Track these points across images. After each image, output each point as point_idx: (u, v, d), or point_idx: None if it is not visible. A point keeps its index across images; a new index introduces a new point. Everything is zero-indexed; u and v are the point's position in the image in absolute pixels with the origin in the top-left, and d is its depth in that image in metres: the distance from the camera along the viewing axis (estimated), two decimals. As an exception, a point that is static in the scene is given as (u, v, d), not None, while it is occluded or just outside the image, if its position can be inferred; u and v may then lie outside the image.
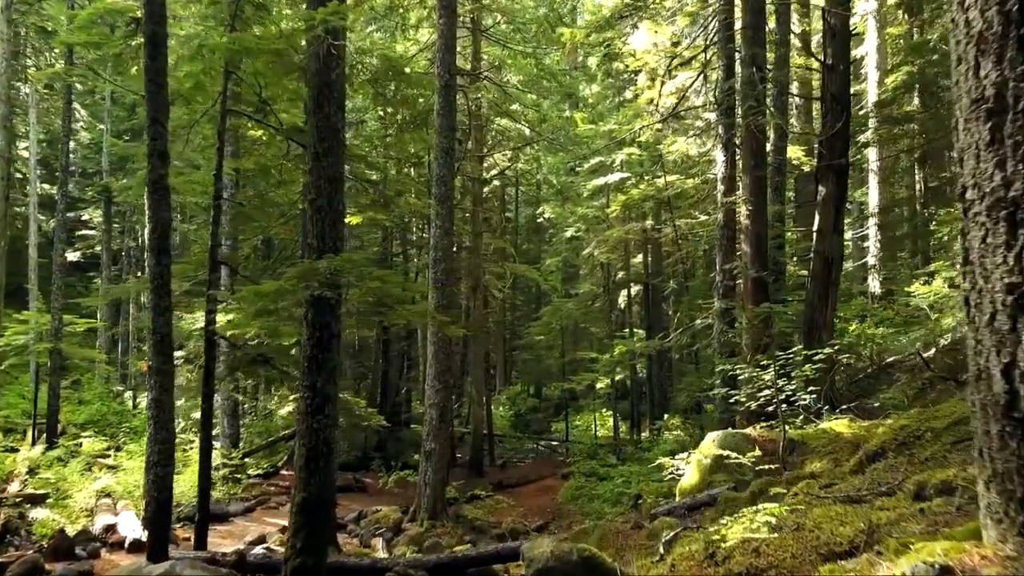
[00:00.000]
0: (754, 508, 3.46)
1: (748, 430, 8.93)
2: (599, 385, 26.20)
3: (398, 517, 13.66)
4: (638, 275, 25.39)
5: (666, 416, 22.11)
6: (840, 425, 8.20)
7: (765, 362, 7.85)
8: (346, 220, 10.80)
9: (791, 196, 19.83)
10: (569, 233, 27.92)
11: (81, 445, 18.29)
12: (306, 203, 6.90)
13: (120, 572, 7.59)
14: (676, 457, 9.49)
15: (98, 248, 30.79)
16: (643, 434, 24.04)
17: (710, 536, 3.86)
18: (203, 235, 19.32)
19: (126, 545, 10.69)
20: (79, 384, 25.53)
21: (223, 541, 11.94)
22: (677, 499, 8.82)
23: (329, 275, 6.35)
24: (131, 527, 11.18)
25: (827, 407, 9.14)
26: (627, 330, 26.88)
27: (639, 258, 25.37)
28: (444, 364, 14.31)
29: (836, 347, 8.55)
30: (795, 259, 18.15)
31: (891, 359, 14.49)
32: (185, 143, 9.60)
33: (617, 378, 24.22)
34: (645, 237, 23.00)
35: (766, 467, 8.10)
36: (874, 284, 20.12)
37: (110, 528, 11.31)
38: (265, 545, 10.74)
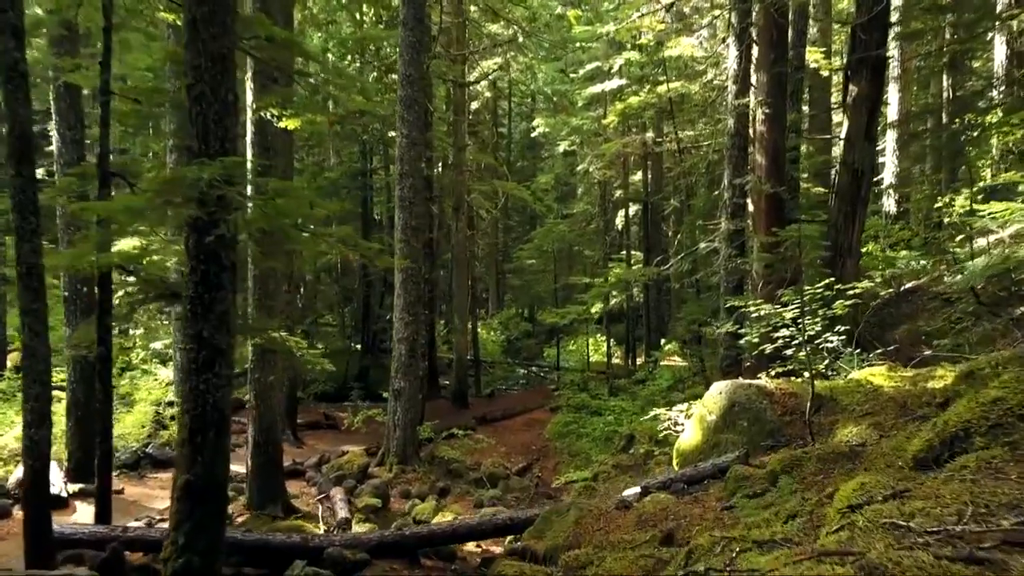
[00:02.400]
0: None
1: (762, 379, 7.38)
2: (593, 310, 24.73)
3: (364, 462, 12.34)
4: (637, 193, 23.48)
5: (663, 342, 20.69)
6: (877, 375, 6.65)
7: (788, 297, 6.24)
8: (282, 125, 9.01)
9: (806, 109, 17.74)
10: (562, 148, 25.82)
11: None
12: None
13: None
14: (674, 408, 8.00)
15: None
16: (638, 360, 22.70)
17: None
18: (153, 147, 17.36)
19: (44, 502, 9.30)
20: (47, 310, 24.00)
21: (161, 493, 10.62)
22: (675, 461, 7.37)
23: (205, 188, 4.63)
24: (51, 480, 9.77)
25: (858, 351, 7.58)
26: (624, 252, 25.21)
27: (638, 176, 23.39)
28: (414, 294, 12.70)
29: (878, 280, 6.90)
30: (807, 175, 16.29)
31: (910, 285, 12.97)
32: (76, 18, 7.71)
33: (612, 303, 22.68)
34: (645, 151, 20.99)
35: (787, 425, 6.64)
36: (889, 203, 18.34)
37: (27, 481, 9.90)
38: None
